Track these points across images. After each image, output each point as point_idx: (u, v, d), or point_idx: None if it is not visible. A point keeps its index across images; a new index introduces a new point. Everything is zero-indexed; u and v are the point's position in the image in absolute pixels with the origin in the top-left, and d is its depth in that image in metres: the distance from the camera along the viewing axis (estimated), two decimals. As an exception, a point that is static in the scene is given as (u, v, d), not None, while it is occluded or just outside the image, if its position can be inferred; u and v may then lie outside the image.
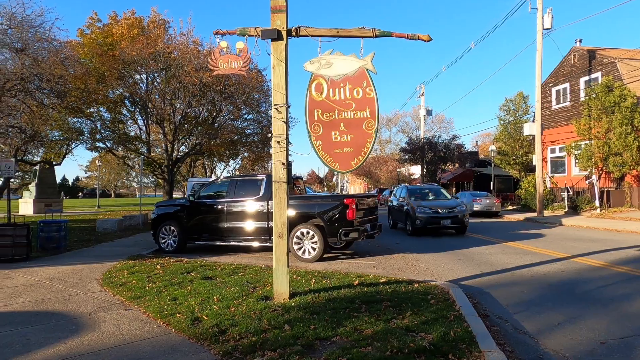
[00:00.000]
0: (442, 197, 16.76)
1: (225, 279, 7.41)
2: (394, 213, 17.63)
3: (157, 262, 9.31)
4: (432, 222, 14.55)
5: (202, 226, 11.21)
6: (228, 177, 11.31)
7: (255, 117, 29.14)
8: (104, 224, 16.82)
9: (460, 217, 14.71)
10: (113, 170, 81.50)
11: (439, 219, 14.55)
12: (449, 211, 14.84)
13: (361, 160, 5.80)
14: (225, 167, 44.86)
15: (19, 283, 7.43)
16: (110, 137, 25.47)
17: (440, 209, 14.90)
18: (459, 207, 15.29)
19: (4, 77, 17.90)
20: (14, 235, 9.83)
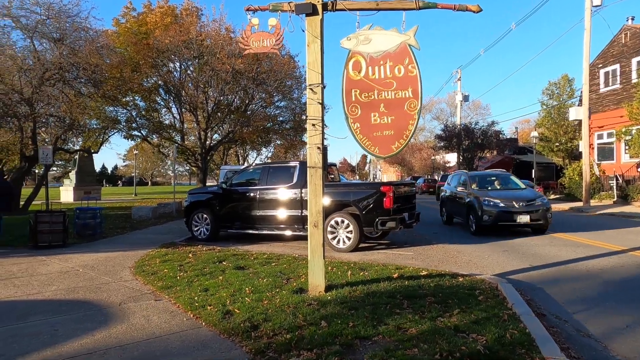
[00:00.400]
0: (514, 186, 13.47)
1: (257, 269, 7.14)
2: (450, 205, 14.48)
3: (189, 251, 9.17)
4: (504, 218, 11.40)
5: (234, 214, 11.03)
6: (260, 164, 11.06)
7: (287, 105, 28.84)
8: (139, 212, 17.00)
9: (542, 212, 11.50)
10: (149, 159, 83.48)
11: (513, 215, 11.34)
12: (527, 204, 11.56)
13: (402, 144, 5.34)
14: (257, 155, 45.03)
15: (53, 270, 7.41)
16: (145, 126, 25.80)
17: (516, 201, 11.65)
18: (540, 198, 12.10)
19: (43, 67, 18.27)
20: (51, 222, 9.93)
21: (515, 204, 11.53)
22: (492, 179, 13.81)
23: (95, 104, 22.82)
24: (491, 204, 11.59)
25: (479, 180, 13.52)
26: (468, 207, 12.41)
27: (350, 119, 5.37)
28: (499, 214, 11.42)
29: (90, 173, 33.06)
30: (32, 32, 18.10)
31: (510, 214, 11.39)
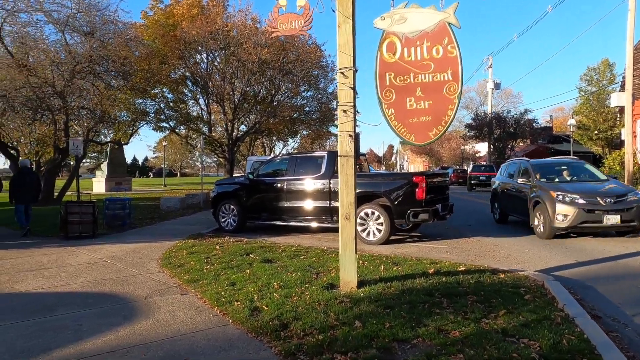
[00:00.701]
0: (591, 177, 10.84)
1: (286, 262, 6.90)
2: (506, 200, 12.00)
3: (217, 242, 9.03)
4: (587, 219, 8.93)
5: (261, 205, 10.84)
6: (287, 154, 10.82)
7: (314, 95, 28.49)
8: (168, 202, 17.09)
9: (637, 210, 9.04)
10: (178, 151, 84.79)
11: (598, 214, 8.92)
12: (617, 201, 9.10)
13: (441, 131, 4.95)
14: (284, 146, 44.96)
15: (82, 261, 7.38)
16: (173, 117, 25.98)
17: (601, 197, 9.16)
18: (632, 193, 9.56)
19: (74, 60, 18.50)
20: (81, 213, 9.97)
21: (601, 201, 9.05)
22: (562, 167, 11.07)
23: (125, 96, 23.08)
24: (567, 200, 9.08)
25: (545, 169, 10.96)
26: (533, 204, 9.89)
27: (384, 104, 5.01)
28: (580, 213, 8.90)
29: (121, 164, 33.67)
30: (63, 26, 18.32)
31: (596, 213, 8.95)
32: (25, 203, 10.79)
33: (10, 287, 5.79)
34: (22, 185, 10.77)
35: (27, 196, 10.78)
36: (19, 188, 10.73)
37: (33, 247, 8.81)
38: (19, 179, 10.99)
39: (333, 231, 10.48)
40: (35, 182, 11.20)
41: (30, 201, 10.95)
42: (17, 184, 10.81)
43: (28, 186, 10.82)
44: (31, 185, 10.92)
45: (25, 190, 10.75)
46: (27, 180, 10.90)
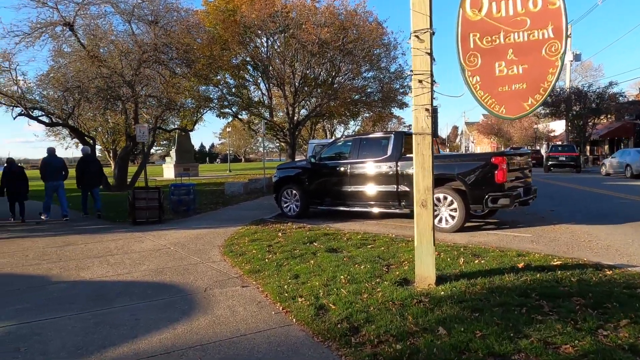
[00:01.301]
0: None
1: (352, 252, 6.38)
2: None
3: (279, 229, 8.70)
4: None
5: (324, 190, 10.38)
6: (351, 136, 10.22)
7: (375, 75, 27.50)
8: (231, 187, 17.18)
9: None
10: (242, 137, 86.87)
11: None
12: None
13: (539, 101, 4.10)
14: (345, 129, 44.32)
15: (146, 248, 7.32)
16: (236, 103, 26.19)
17: None
18: None
19: (141, 49, 19.00)
20: (147, 199, 10.07)
21: None
22: None
23: (189, 83, 23.53)
24: None
25: None
26: None
27: (468, 71, 4.25)
28: None
29: (188, 151, 34.82)
30: (130, 16, 18.80)
31: None
32: (89, 188, 11.54)
33: (77, 275, 5.76)
34: (85, 171, 11.46)
35: (90, 181, 11.48)
36: (82, 174, 11.44)
37: (103, 233, 8.99)
38: (81, 166, 11.60)
39: (401, 217, 9.82)
40: (97, 167, 11.87)
41: (94, 185, 11.60)
42: (81, 170, 11.49)
43: (91, 172, 11.51)
44: (94, 170, 11.62)
45: (88, 176, 11.44)
46: (89, 167, 11.56)
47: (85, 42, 18.72)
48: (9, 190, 10.87)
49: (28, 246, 7.67)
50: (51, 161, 11.29)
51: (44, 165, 11.26)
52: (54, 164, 11.25)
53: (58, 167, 11.30)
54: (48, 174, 11.12)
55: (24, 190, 11.03)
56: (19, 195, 10.97)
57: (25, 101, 18.48)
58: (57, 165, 11.33)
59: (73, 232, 9.12)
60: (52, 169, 11.15)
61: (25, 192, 11.10)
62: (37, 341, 3.65)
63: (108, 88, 18.35)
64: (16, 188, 10.86)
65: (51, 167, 11.17)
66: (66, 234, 8.85)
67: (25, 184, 11.06)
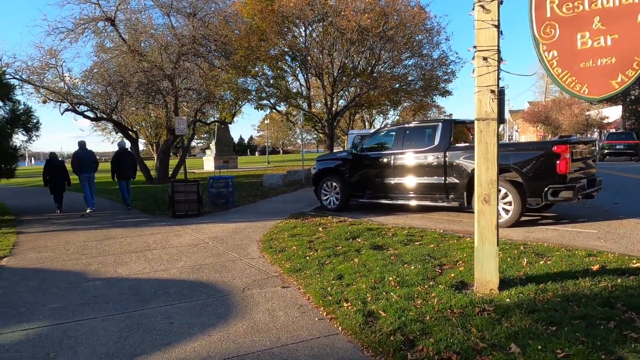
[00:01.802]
0: None
1: (399, 249, 5.90)
2: None
3: (319, 223, 8.33)
4: None
5: (365, 182, 9.91)
6: (395, 124, 9.67)
7: (416, 62, 26.54)
8: (270, 180, 16.99)
9: None
10: (280, 129, 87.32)
11: None
12: None
13: (631, 78, 3.44)
14: (383, 119, 43.38)
15: (184, 242, 7.13)
16: (274, 94, 26.00)
17: None
18: None
19: (180, 42, 19.06)
20: (186, 192, 9.95)
21: None
22: None
23: (227, 76, 23.52)
24: None
25: None
26: None
27: (543, 45, 3.65)
28: None
29: (227, 143, 35.10)
30: (169, 9, 18.89)
31: None
32: (124, 179, 11.85)
33: (114, 271, 5.60)
34: (120, 163, 11.77)
35: (125, 173, 11.81)
36: (117, 167, 11.76)
37: (143, 226, 8.92)
38: (117, 159, 11.89)
39: (446, 210, 9.23)
40: (131, 160, 12.17)
41: (128, 178, 11.94)
42: (116, 163, 11.81)
43: (125, 164, 11.84)
44: (128, 163, 11.94)
45: (123, 168, 11.77)
46: (124, 160, 11.89)
47: (126, 37, 18.99)
48: (52, 184, 11.27)
49: (70, 239, 7.67)
50: (83, 154, 11.60)
51: (75, 158, 11.58)
52: (85, 157, 11.59)
53: (89, 160, 11.63)
54: (81, 166, 11.44)
55: (64, 184, 11.50)
56: (61, 188, 11.41)
57: (71, 97, 18.96)
58: (89, 158, 11.66)
59: (114, 225, 9.12)
60: (83, 162, 11.50)
61: (64, 185, 11.54)
62: (67, 346, 3.44)
63: (149, 82, 18.52)
64: (58, 182, 11.29)
65: (83, 159, 11.52)
66: (107, 227, 8.85)
67: (66, 177, 11.52)
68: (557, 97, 58.84)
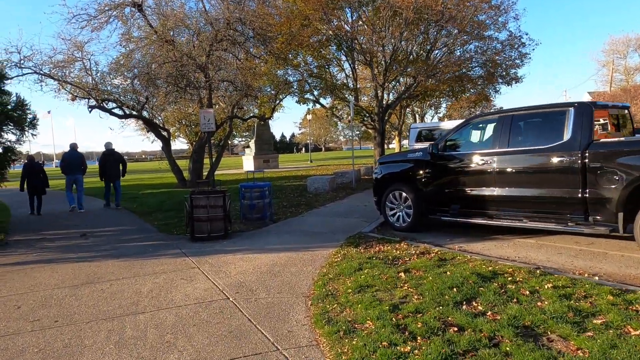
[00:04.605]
0: None
1: (568, 335, 3.12)
2: None
3: (392, 256, 5.65)
4: None
5: (450, 193, 7.13)
6: (496, 112, 6.78)
7: (478, 46, 23.13)
8: (315, 183, 14.42)
9: None
10: (322, 126, 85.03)
11: None
12: None
13: None
14: (435, 113, 39.89)
15: (191, 297, 4.62)
16: (317, 86, 23.42)
17: None
18: None
19: (214, 29, 16.89)
20: (208, 206, 7.51)
21: None
22: None
23: (266, 67, 21.22)
24: None
25: None
26: None
27: None
28: None
29: (267, 141, 32.94)
30: (201, -9, 16.76)
31: None
32: (111, 180, 12.30)
33: (56, 369, 3.16)
34: (106, 165, 12.22)
35: (111, 174, 12.24)
36: (103, 167, 12.22)
37: (147, 256, 6.56)
38: (103, 159, 12.36)
39: (566, 233, 6.33)
40: (118, 161, 12.52)
41: (115, 178, 12.32)
42: (102, 164, 12.29)
43: (111, 165, 12.23)
44: (114, 164, 12.33)
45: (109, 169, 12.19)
46: (110, 160, 12.30)
47: (155, 25, 17.00)
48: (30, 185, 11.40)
49: (38, 283, 5.38)
50: (71, 156, 11.95)
51: (63, 160, 11.98)
52: (73, 159, 11.91)
53: (77, 162, 11.94)
54: (68, 168, 11.74)
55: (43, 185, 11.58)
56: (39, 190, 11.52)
57: (97, 92, 17.18)
58: (77, 160, 11.98)
59: (111, 255, 6.80)
60: (71, 164, 11.79)
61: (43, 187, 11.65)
62: None
63: (178, 73, 16.42)
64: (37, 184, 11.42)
65: (71, 161, 11.82)
66: (101, 259, 6.54)
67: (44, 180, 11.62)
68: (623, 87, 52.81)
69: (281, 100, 24.97)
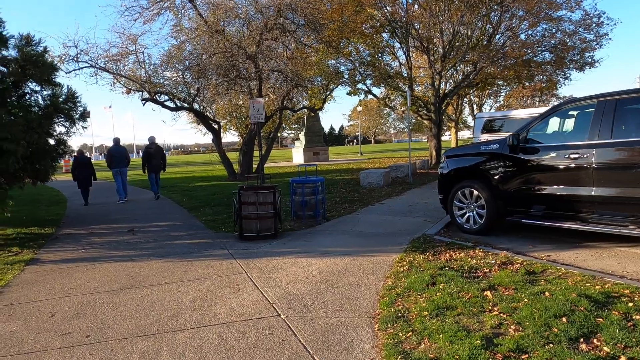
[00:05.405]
0: None
1: None
2: None
3: (470, 266, 4.80)
4: None
5: (534, 191, 6.12)
6: (594, 97, 5.67)
7: (546, 29, 21.17)
8: (368, 178, 13.60)
9: None
10: (371, 117, 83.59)
11: None
12: None
13: None
14: (494, 102, 37.58)
15: (237, 311, 4.01)
16: (370, 76, 22.44)
17: None
18: None
19: (264, 17, 16.38)
20: (258, 203, 6.94)
21: None
22: None
23: (317, 56, 20.53)
24: None
25: None
26: None
27: None
28: None
29: (317, 133, 32.36)
30: (252, -21, 16.27)
31: None
32: (153, 172, 12.75)
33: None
34: (149, 157, 12.72)
35: (153, 166, 12.69)
36: (146, 160, 12.73)
37: (192, 257, 6.07)
38: (146, 152, 12.95)
39: None
40: (159, 154, 12.93)
41: (157, 170, 12.81)
42: (145, 157, 12.85)
43: (154, 158, 12.71)
44: (156, 157, 12.79)
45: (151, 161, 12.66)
46: (152, 153, 12.77)
47: (205, 15, 16.73)
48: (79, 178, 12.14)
49: (76, 286, 4.99)
50: (116, 150, 12.47)
51: (109, 153, 12.49)
52: (117, 153, 12.41)
53: (121, 156, 12.45)
54: (113, 161, 12.24)
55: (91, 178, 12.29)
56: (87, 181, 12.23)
57: (150, 85, 17.20)
58: (121, 153, 12.50)
59: (156, 253, 6.39)
60: (116, 157, 12.30)
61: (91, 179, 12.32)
62: None
63: (228, 64, 16.07)
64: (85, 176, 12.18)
65: (115, 155, 12.32)
66: (145, 258, 6.12)
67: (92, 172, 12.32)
68: None
69: (332, 91, 24.23)
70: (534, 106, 33.55)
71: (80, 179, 12.12)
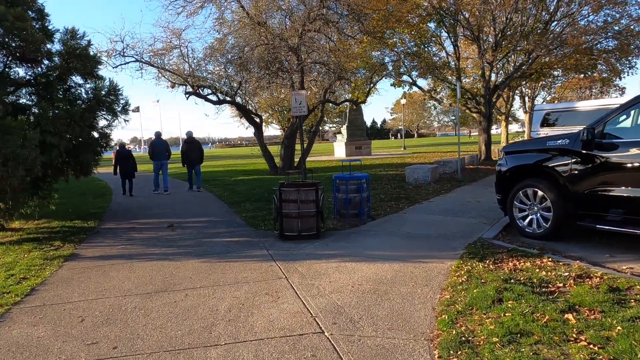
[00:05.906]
0: None
1: None
2: None
3: (538, 277, 4.20)
4: None
5: (612, 193, 5.36)
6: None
7: (609, 14, 19.48)
8: (414, 174, 12.93)
9: None
10: (414, 110, 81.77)
11: None
12: None
13: None
14: (547, 94, 35.48)
15: (275, 324, 3.61)
16: (415, 68, 21.56)
17: None
18: None
19: (307, 8, 15.98)
20: (299, 201, 6.54)
21: None
22: None
23: (361, 49, 19.88)
24: None
25: None
26: None
27: None
28: None
29: (359, 127, 31.72)
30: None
31: None
32: (192, 165, 13.02)
33: None
34: (187, 151, 12.94)
35: (192, 160, 12.90)
36: (184, 154, 13.02)
37: (230, 257, 5.75)
38: (184, 146, 13.17)
39: None
40: (197, 148, 13.14)
41: (195, 164, 12.98)
42: (183, 151, 13.12)
43: (192, 152, 12.90)
44: (195, 151, 12.97)
45: (189, 155, 12.89)
46: (191, 147, 12.99)
47: (247, 7, 16.50)
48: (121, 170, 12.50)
49: (109, 288, 4.77)
50: (157, 143, 12.81)
51: (151, 146, 12.89)
52: (159, 146, 12.74)
53: (162, 149, 12.73)
54: (154, 154, 12.60)
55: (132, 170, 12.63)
56: (130, 174, 12.59)
57: (193, 79, 17.22)
58: (162, 147, 12.79)
59: (194, 252, 6.12)
60: (157, 150, 12.63)
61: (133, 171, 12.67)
62: None
63: (270, 56, 15.79)
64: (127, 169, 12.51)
65: (157, 148, 12.66)
66: (182, 258, 5.86)
67: (134, 165, 12.65)
68: None
69: (375, 84, 23.52)
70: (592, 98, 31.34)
71: (122, 171, 12.53)
